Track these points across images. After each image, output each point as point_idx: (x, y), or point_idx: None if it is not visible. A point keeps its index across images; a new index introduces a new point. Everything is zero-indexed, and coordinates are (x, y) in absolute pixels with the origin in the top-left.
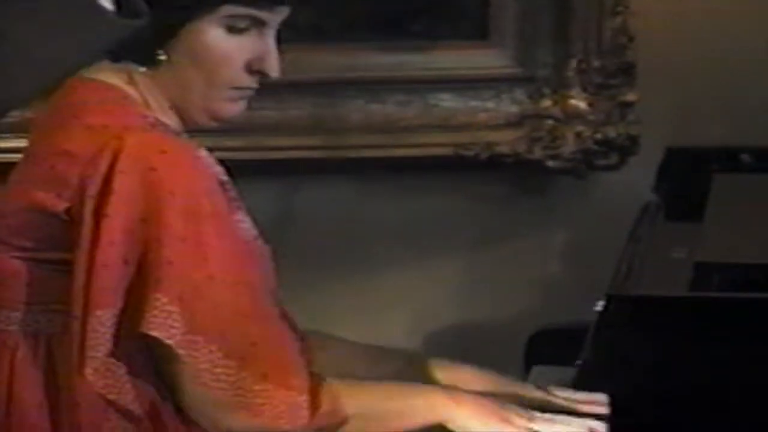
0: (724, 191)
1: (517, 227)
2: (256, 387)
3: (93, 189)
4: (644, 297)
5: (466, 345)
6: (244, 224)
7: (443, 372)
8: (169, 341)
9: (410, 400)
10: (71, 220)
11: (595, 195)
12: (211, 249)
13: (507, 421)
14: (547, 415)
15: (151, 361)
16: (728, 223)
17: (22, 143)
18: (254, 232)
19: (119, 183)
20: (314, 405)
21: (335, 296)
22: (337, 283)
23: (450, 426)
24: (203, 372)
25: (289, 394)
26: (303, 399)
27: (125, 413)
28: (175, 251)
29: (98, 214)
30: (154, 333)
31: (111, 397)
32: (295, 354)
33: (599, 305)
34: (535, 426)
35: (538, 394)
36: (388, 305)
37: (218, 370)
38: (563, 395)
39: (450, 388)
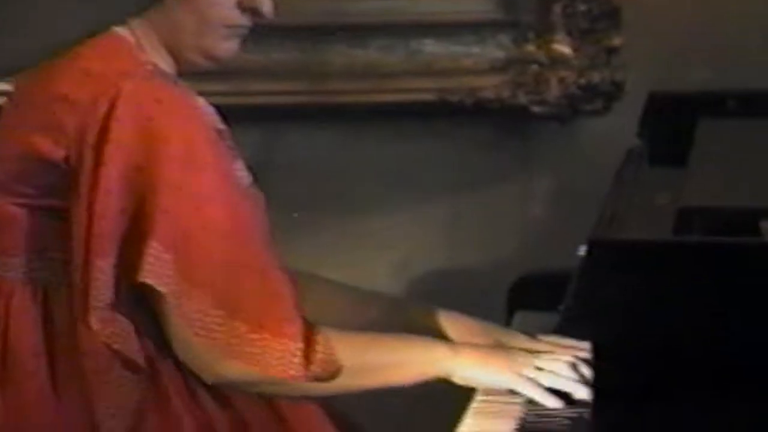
0: (708, 136)
1: (501, 173)
2: (251, 336)
3: (91, 138)
4: (627, 242)
5: (449, 290)
6: (241, 173)
7: (428, 318)
8: (162, 289)
9: (409, 352)
10: (70, 168)
11: (580, 140)
12: (207, 198)
13: (513, 366)
14: (553, 362)
15: (150, 315)
16: (712, 168)
17: None
18: (249, 180)
19: (116, 131)
20: (309, 354)
21: (318, 241)
22: (320, 228)
23: (454, 379)
24: (195, 321)
25: (283, 343)
26: (297, 347)
27: (128, 363)
28: (170, 199)
29: (96, 162)
30: (149, 280)
31: (116, 346)
32: (290, 302)
33: (582, 250)
34: (540, 364)
35: (523, 341)
36: (371, 250)
37: (208, 319)
38: (548, 341)
39: (450, 341)
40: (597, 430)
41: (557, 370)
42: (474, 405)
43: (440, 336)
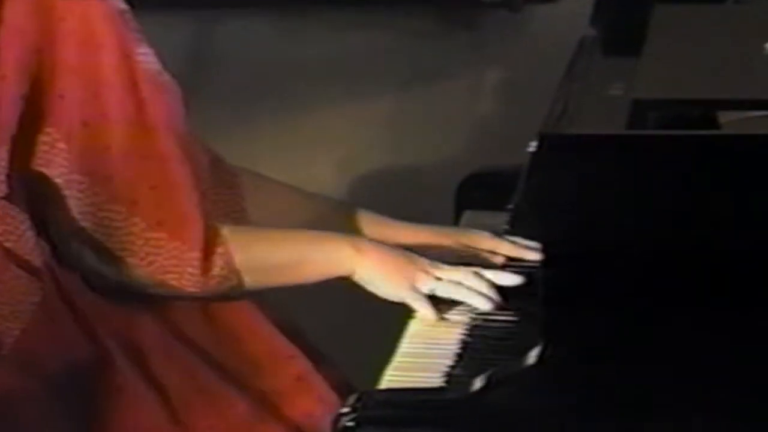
0: (664, 23)
1: (448, 65)
2: (148, 234)
3: None
4: (578, 136)
5: (394, 190)
6: (147, 56)
7: (372, 225)
8: (57, 180)
9: (311, 250)
10: None
11: (530, 29)
12: (106, 83)
13: (411, 277)
14: (454, 272)
15: (41, 211)
16: (668, 57)
17: None
18: (158, 65)
19: (9, 12)
20: (205, 266)
21: (257, 136)
22: (257, 124)
23: (355, 279)
24: (87, 215)
25: (178, 247)
26: (194, 256)
27: (23, 264)
28: (67, 84)
29: None
30: (42, 169)
31: (8, 245)
32: (194, 198)
33: (532, 146)
34: (441, 275)
35: (477, 238)
36: (312, 147)
37: (104, 213)
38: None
39: (357, 238)
40: (546, 336)
41: (460, 279)
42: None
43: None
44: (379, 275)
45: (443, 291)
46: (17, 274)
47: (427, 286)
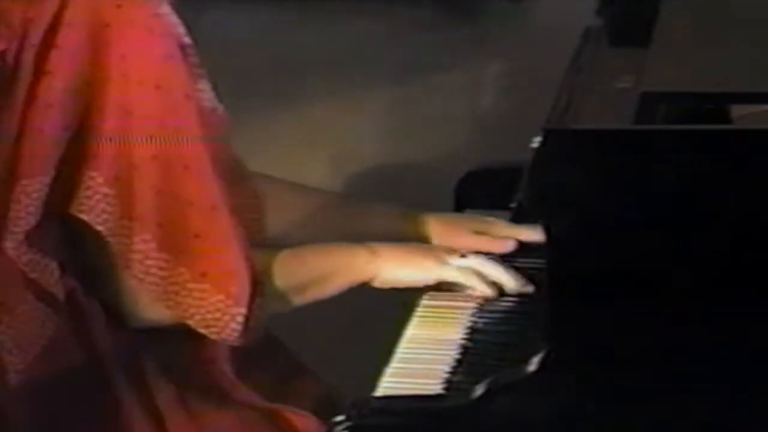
0: (674, 12)
1: (448, 57)
2: (192, 285)
3: (35, 37)
4: (584, 131)
5: (390, 186)
6: (205, 94)
7: (384, 217)
8: (99, 227)
9: (331, 264)
10: (5, 65)
11: (533, 20)
12: (160, 126)
13: (437, 259)
14: (475, 258)
15: (76, 248)
16: (678, 48)
17: None
18: (214, 102)
19: (65, 36)
20: (249, 319)
21: (247, 134)
22: (248, 119)
23: (376, 283)
24: (134, 263)
25: (226, 303)
26: (239, 312)
27: (44, 296)
28: (117, 125)
29: (38, 70)
30: (84, 216)
31: (33, 275)
32: (241, 253)
33: (536, 141)
34: (461, 263)
35: (492, 225)
36: (306, 142)
37: (149, 262)
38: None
39: (369, 243)
40: (549, 341)
41: (481, 267)
42: (418, 313)
43: (406, 236)
44: (403, 271)
45: (465, 276)
46: (35, 306)
47: (455, 264)
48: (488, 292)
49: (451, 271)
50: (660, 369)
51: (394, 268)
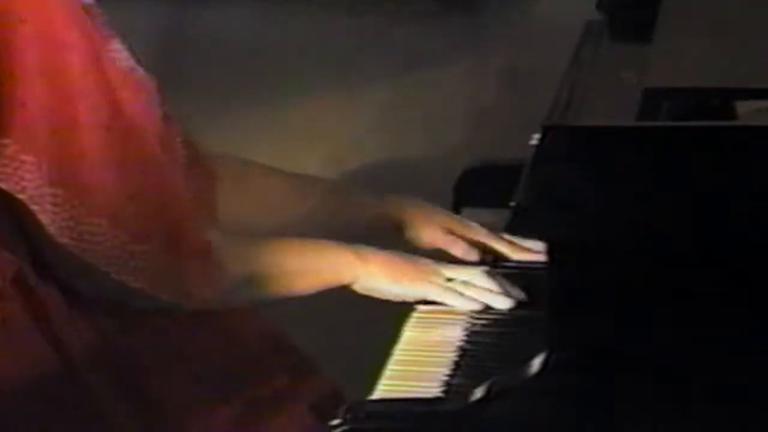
0: (677, 5)
1: (445, 50)
2: (134, 247)
3: None
4: (585, 128)
5: (386, 184)
6: (119, 53)
7: (369, 205)
8: (20, 195)
9: (311, 260)
10: None
11: (534, 13)
12: (76, 87)
13: (422, 275)
14: (465, 271)
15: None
16: (682, 42)
17: None
18: (131, 61)
19: None
20: (202, 278)
21: (243, 128)
22: (239, 116)
23: (356, 288)
24: (65, 230)
25: (173, 261)
26: (190, 264)
27: None
28: (29, 90)
29: None
30: (2, 185)
31: None
32: (183, 208)
33: (535, 139)
34: (451, 275)
35: (477, 232)
36: (303, 138)
37: (81, 228)
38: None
39: (358, 246)
40: (551, 342)
41: (471, 280)
42: (416, 314)
43: (392, 224)
44: (386, 280)
45: (460, 288)
46: None
47: (441, 282)
48: (475, 307)
49: (434, 290)
50: (663, 373)
51: (379, 277)
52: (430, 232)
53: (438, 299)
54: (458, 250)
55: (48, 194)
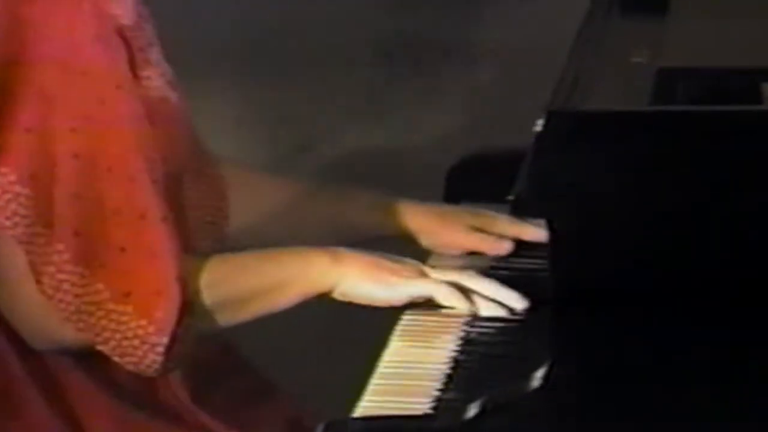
0: None
1: (436, 26)
2: (111, 306)
3: None
4: (593, 112)
5: (369, 176)
6: (151, 82)
7: (380, 210)
8: (8, 231)
9: (288, 270)
10: None
11: None
12: (85, 118)
13: (409, 275)
14: (456, 274)
15: None
16: (700, 17)
17: None
18: (164, 91)
19: None
20: (172, 351)
21: (220, 112)
22: (222, 96)
23: (335, 295)
24: (44, 276)
25: (147, 330)
26: (161, 342)
27: None
28: (36, 115)
29: None
30: None
31: None
32: (173, 271)
33: (538, 124)
34: (440, 277)
35: (501, 223)
36: (268, 126)
37: (62, 276)
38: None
39: (334, 248)
40: (554, 353)
41: (461, 281)
42: (403, 321)
43: (396, 230)
44: (367, 282)
45: (445, 296)
46: None
47: (435, 277)
48: (468, 310)
49: (429, 286)
50: (672, 386)
51: (358, 280)
52: (456, 235)
53: (434, 295)
54: (491, 248)
55: (36, 234)
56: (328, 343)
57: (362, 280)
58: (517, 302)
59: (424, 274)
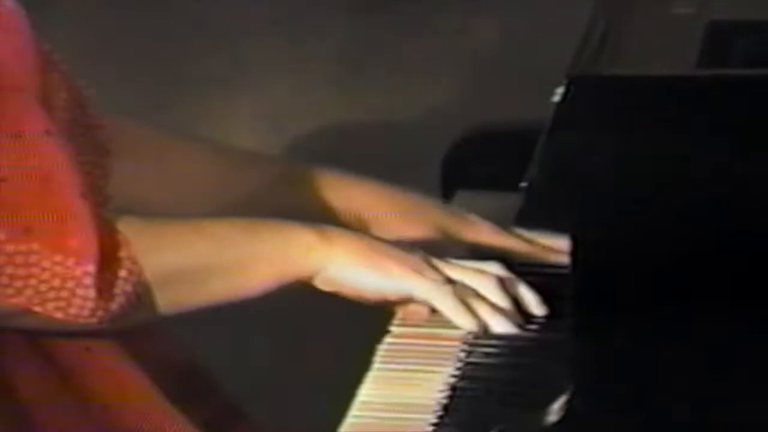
0: None
1: None
2: (12, 248)
3: None
4: (624, 78)
5: (355, 158)
6: None
7: (337, 190)
8: None
9: (253, 245)
10: None
11: None
12: None
13: (415, 267)
14: (472, 274)
15: None
16: None
17: None
18: None
19: None
20: (104, 283)
21: (171, 79)
22: (176, 63)
23: (320, 283)
24: None
25: (65, 266)
26: (86, 270)
27: None
28: None
29: None
30: None
31: None
32: (79, 191)
33: (557, 94)
34: (453, 275)
35: (479, 229)
36: (241, 108)
37: None
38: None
39: (322, 225)
40: (576, 379)
41: (477, 286)
42: (389, 339)
43: (350, 219)
44: (358, 271)
45: (449, 309)
46: None
47: (436, 278)
48: (473, 328)
49: (425, 286)
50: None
51: (347, 264)
52: (405, 230)
53: (436, 305)
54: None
55: None
56: (305, 367)
57: (354, 264)
58: (538, 308)
59: (433, 270)
